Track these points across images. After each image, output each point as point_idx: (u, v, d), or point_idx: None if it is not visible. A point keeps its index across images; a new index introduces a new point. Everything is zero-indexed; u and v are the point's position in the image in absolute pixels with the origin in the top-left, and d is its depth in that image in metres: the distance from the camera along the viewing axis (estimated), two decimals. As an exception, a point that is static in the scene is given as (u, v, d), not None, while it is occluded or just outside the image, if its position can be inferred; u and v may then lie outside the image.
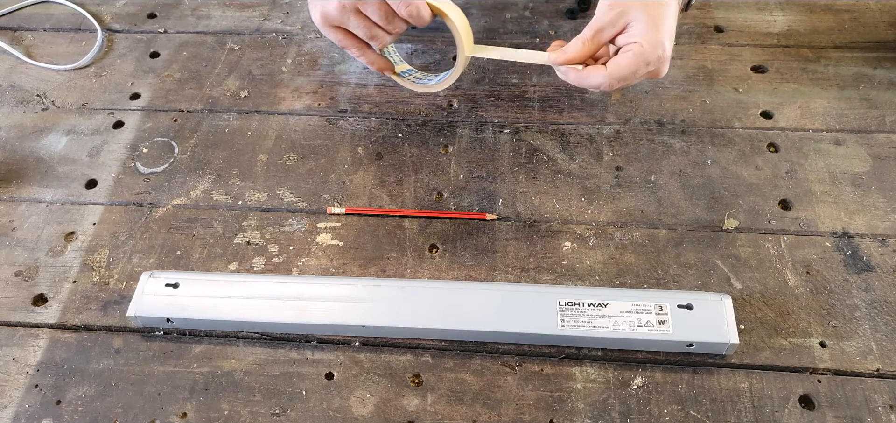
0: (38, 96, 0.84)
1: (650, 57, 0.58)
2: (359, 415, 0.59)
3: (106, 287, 0.66)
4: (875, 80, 0.83)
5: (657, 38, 0.58)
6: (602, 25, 0.59)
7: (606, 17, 0.59)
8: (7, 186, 0.75)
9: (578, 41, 0.60)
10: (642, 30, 0.58)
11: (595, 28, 0.59)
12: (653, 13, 0.58)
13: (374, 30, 0.61)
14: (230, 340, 0.63)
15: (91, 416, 0.59)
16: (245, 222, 0.71)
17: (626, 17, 0.58)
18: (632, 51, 0.58)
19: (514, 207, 0.72)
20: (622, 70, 0.58)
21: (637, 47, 0.57)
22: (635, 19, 0.58)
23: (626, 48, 0.59)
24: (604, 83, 0.59)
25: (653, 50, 0.57)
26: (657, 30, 0.58)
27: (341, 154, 0.77)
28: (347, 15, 0.59)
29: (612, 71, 0.59)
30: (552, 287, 0.65)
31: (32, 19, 0.93)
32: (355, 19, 0.59)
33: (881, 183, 0.73)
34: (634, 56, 0.58)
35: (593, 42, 0.60)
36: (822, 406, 0.58)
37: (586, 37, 0.60)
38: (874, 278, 0.66)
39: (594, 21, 0.60)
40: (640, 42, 0.57)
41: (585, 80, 0.60)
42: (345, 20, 0.60)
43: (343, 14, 0.59)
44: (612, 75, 0.58)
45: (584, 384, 0.60)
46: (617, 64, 0.59)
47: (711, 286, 0.66)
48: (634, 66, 0.58)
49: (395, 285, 0.64)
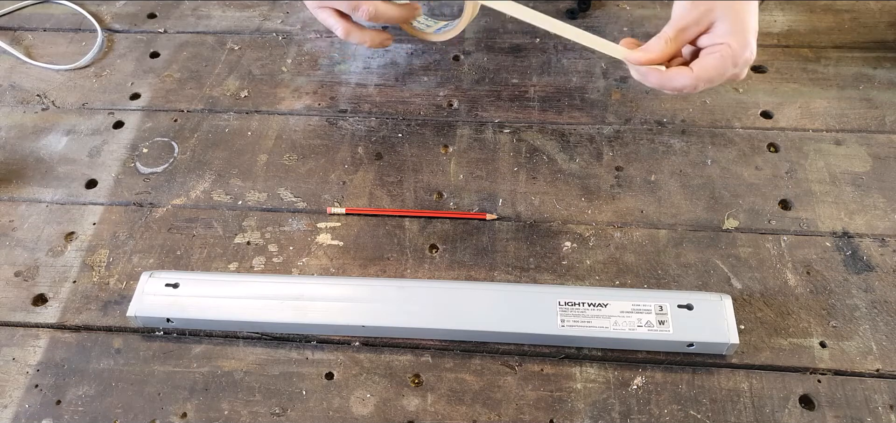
0: (38, 96, 0.84)
1: (738, 58, 0.55)
2: (359, 415, 0.59)
3: (106, 287, 0.66)
4: (875, 80, 0.83)
5: (745, 39, 0.55)
6: (685, 24, 0.56)
7: (690, 16, 0.56)
8: (7, 186, 0.75)
9: (661, 40, 0.57)
10: (729, 29, 0.55)
11: (678, 27, 0.56)
12: (737, 10, 0.55)
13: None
14: (230, 340, 0.63)
15: (91, 416, 0.59)
16: (245, 222, 0.71)
17: (711, 16, 0.55)
18: (719, 52, 0.55)
19: (514, 207, 0.72)
20: (709, 72, 0.55)
21: (725, 48, 0.55)
22: (721, 18, 0.55)
23: (712, 49, 0.56)
24: (689, 86, 0.56)
25: (741, 51, 0.55)
26: (744, 29, 0.55)
27: (341, 154, 0.77)
28: None
29: (699, 73, 0.55)
30: (552, 287, 0.65)
31: (32, 19, 0.93)
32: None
33: (881, 183, 0.73)
34: (722, 57, 0.55)
35: (676, 41, 0.57)
36: (822, 406, 0.58)
37: (669, 36, 0.57)
38: (874, 278, 0.66)
39: (676, 19, 0.57)
40: (729, 43, 0.55)
41: (669, 81, 0.57)
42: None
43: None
44: (699, 77, 0.55)
45: (584, 384, 0.60)
46: (704, 66, 0.55)
47: (711, 286, 0.66)
48: (722, 67, 0.55)
49: (395, 285, 0.64)
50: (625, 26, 0.90)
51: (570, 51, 0.88)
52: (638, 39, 0.60)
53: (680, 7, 0.57)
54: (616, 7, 0.93)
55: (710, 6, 0.55)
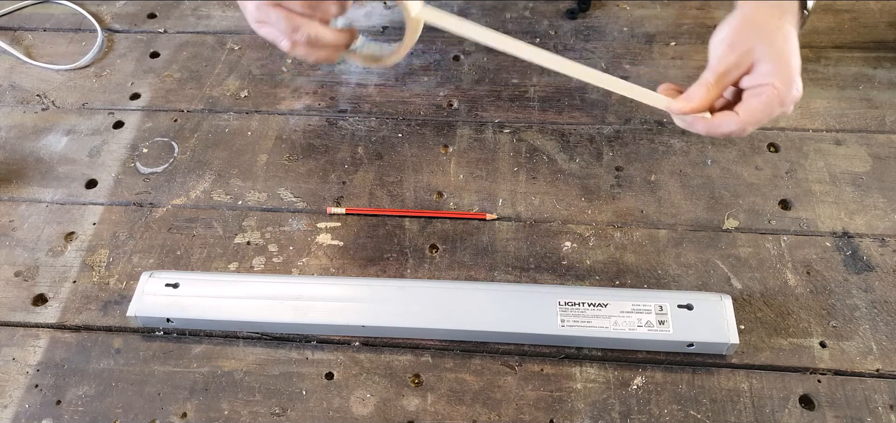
0: (38, 96, 0.84)
1: (785, 97, 0.53)
2: (359, 415, 0.59)
3: (106, 287, 0.66)
4: (875, 80, 0.83)
5: (790, 76, 0.53)
6: (726, 69, 0.54)
7: (729, 60, 0.54)
8: (7, 186, 0.75)
9: (702, 88, 0.55)
10: (772, 68, 0.53)
11: (718, 72, 0.54)
12: (779, 48, 0.53)
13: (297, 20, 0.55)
14: (230, 340, 0.63)
15: (91, 416, 0.59)
16: (245, 222, 0.71)
17: (752, 57, 0.53)
18: (765, 94, 0.53)
19: (514, 207, 0.72)
20: (757, 115, 0.53)
21: (770, 90, 0.52)
22: (762, 57, 0.53)
23: (758, 90, 0.53)
24: (736, 131, 0.54)
25: (787, 90, 0.52)
26: (788, 66, 0.53)
27: (341, 154, 0.77)
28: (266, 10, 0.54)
29: (746, 118, 0.53)
30: (552, 287, 0.65)
31: (32, 19, 0.93)
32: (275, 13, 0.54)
33: (881, 183, 0.73)
34: (769, 99, 0.53)
35: (718, 87, 0.54)
36: (822, 406, 0.58)
37: (710, 81, 0.54)
38: (874, 278, 0.66)
39: (716, 63, 0.54)
40: (773, 83, 0.52)
41: (717, 129, 0.55)
42: (265, 16, 0.54)
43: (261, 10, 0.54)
44: (746, 123, 0.53)
45: (584, 384, 0.60)
46: (751, 110, 0.53)
47: (711, 286, 0.66)
48: (770, 109, 0.53)
49: (395, 285, 0.64)
50: (624, 26, 0.90)
51: (569, 51, 0.88)
52: (677, 85, 0.58)
53: (718, 50, 0.55)
54: (616, 7, 0.93)
55: (750, 47, 0.53)
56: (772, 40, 0.53)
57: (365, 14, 0.93)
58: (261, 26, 0.56)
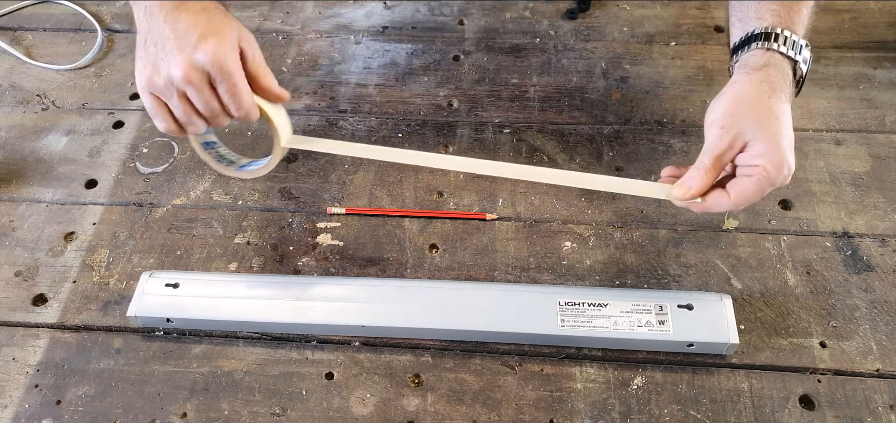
0: (38, 96, 0.84)
1: (775, 178, 0.54)
2: (359, 415, 0.59)
3: (106, 287, 0.66)
4: (875, 80, 0.83)
5: (780, 158, 0.53)
6: (720, 152, 0.55)
7: (722, 143, 0.55)
8: (7, 186, 0.75)
9: (700, 171, 0.56)
10: (763, 149, 0.53)
11: (713, 155, 0.55)
12: (770, 129, 0.54)
13: (194, 118, 0.55)
14: (230, 340, 0.63)
15: (91, 416, 0.59)
16: (245, 222, 0.71)
17: (744, 138, 0.54)
18: (755, 175, 0.54)
19: (514, 207, 0.72)
20: (748, 195, 0.55)
21: (761, 171, 0.53)
22: (753, 138, 0.54)
23: (749, 171, 0.54)
24: (729, 208, 0.56)
25: (777, 172, 0.53)
26: (778, 147, 0.53)
27: (341, 154, 0.77)
28: (172, 93, 0.53)
29: (737, 199, 0.55)
30: (552, 287, 0.65)
31: (32, 19, 0.93)
32: (178, 101, 0.53)
33: (881, 183, 0.73)
34: (758, 181, 0.54)
35: (715, 170, 0.56)
36: (822, 406, 0.58)
37: (707, 165, 0.55)
38: (874, 278, 0.66)
39: (710, 147, 0.55)
40: (764, 166, 0.53)
41: (709, 210, 0.57)
42: (168, 96, 0.54)
43: (168, 90, 0.53)
44: (738, 203, 0.55)
45: (584, 384, 0.60)
46: (742, 190, 0.55)
47: (711, 286, 0.66)
48: (760, 189, 0.54)
49: (395, 285, 0.64)
50: (624, 26, 0.90)
51: (569, 51, 0.88)
52: (677, 168, 0.59)
53: (712, 134, 0.56)
54: (616, 7, 0.93)
55: (740, 129, 0.54)
56: (763, 122, 0.54)
57: (365, 14, 0.93)
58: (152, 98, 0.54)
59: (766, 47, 0.56)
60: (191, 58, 0.51)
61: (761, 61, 0.56)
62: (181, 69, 0.51)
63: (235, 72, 0.52)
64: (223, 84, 0.52)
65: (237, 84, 0.52)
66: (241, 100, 0.53)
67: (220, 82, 0.52)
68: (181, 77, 0.51)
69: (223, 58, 0.51)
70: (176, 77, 0.51)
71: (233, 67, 0.52)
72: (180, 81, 0.52)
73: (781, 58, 0.56)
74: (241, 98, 0.53)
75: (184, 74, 0.51)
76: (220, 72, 0.51)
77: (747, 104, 0.55)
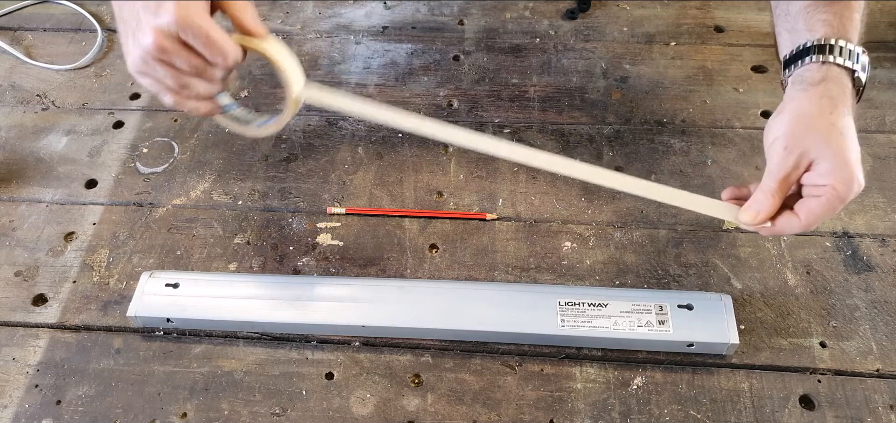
0: (38, 96, 0.84)
1: (846, 195, 0.52)
2: (359, 415, 0.59)
3: (106, 287, 0.66)
4: (875, 80, 0.83)
5: (849, 174, 0.51)
6: (786, 174, 0.53)
7: (787, 164, 0.53)
8: (7, 186, 0.75)
9: (766, 195, 0.54)
10: (830, 167, 0.51)
11: (779, 177, 0.53)
12: (836, 146, 0.51)
13: (185, 79, 0.53)
14: (230, 340, 0.63)
15: (91, 416, 0.59)
16: (245, 222, 0.71)
17: (809, 157, 0.52)
18: (825, 195, 0.52)
19: (514, 207, 0.72)
20: (818, 215, 0.53)
21: (830, 191, 0.51)
22: (819, 157, 0.52)
23: (817, 190, 0.52)
24: (799, 230, 0.55)
25: (847, 189, 0.51)
26: (846, 163, 0.51)
27: (341, 154, 0.77)
28: (152, 65, 0.52)
29: (807, 220, 0.53)
30: (552, 287, 0.65)
31: (32, 19, 0.93)
32: (163, 70, 0.52)
33: (881, 183, 0.73)
34: (828, 201, 0.52)
35: (781, 192, 0.54)
36: (822, 406, 0.58)
37: (773, 188, 0.54)
38: (874, 278, 0.66)
39: (775, 169, 0.53)
40: (833, 184, 0.51)
41: (780, 232, 0.56)
42: (150, 69, 0.52)
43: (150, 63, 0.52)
44: (809, 224, 0.53)
45: (584, 384, 0.60)
46: (812, 212, 0.53)
47: (711, 286, 0.66)
48: (831, 209, 0.52)
49: (395, 285, 0.64)
50: (624, 26, 0.90)
51: (570, 51, 0.88)
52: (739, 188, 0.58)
53: (776, 155, 0.54)
54: (616, 7, 0.93)
55: (805, 148, 0.52)
56: (828, 139, 0.52)
57: (365, 14, 0.93)
58: (143, 77, 0.53)
59: (821, 60, 0.54)
60: (155, 23, 0.49)
61: (818, 76, 0.54)
62: (150, 37, 0.49)
63: (203, 23, 0.50)
64: (196, 40, 0.50)
65: (209, 34, 0.50)
66: (218, 49, 0.51)
67: (193, 38, 0.50)
68: (152, 45, 0.50)
69: (186, 14, 0.49)
70: (148, 47, 0.50)
71: (199, 20, 0.50)
72: (153, 50, 0.50)
73: (839, 70, 0.54)
74: (217, 48, 0.51)
75: (154, 41, 0.49)
76: (187, 28, 0.49)
77: (809, 122, 0.52)
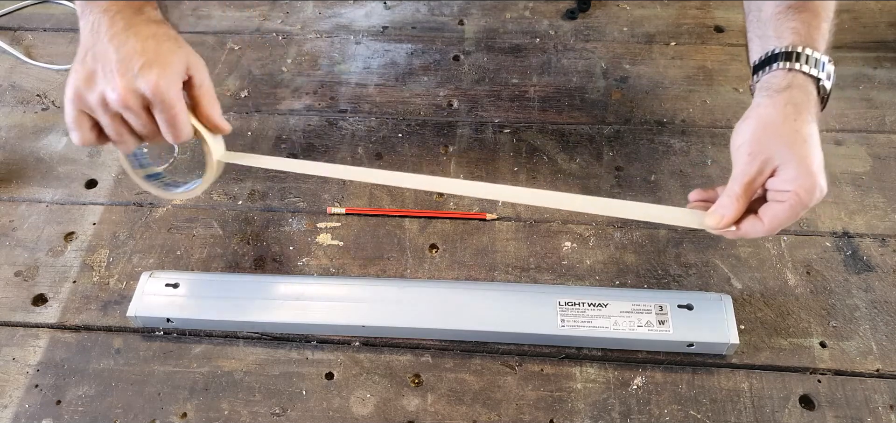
0: (38, 96, 0.84)
1: (808, 201, 0.53)
2: (359, 415, 0.59)
3: (106, 287, 0.66)
4: (875, 80, 0.83)
5: (812, 181, 0.52)
6: (750, 179, 0.54)
7: (752, 169, 0.54)
8: (7, 186, 0.75)
9: (731, 199, 0.55)
10: (794, 174, 0.52)
11: (743, 182, 0.54)
12: (800, 150, 0.53)
13: (125, 136, 0.54)
14: (230, 340, 0.63)
15: (91, 416, 0.59)
16: (245, 222, 0.71)
17: (773, 164, 0.53)
18: (788, 201, 0.53)
19: (514, 207, 0.72)
20: (781, 220, 0.54)
21: (793, 196, 0.52)
22: (783, 163, 0.53)
23: (781, 196, 0.54)
24: (763, 234, 0.56)
25: (809, 196, 0.52)
26: (809, 171, 0.52)
27: (341, 154, 0.77)
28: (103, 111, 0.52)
29: (771, 225, 0.54)
30: (552, 287, 0.65)
31: (32, 19, 0.93)
32: (110, 121, 0.53)
33: (881, 183, 0.73)
34: (791, 206, 0.53)
35: (745, 197, 0.55)
36: (822, 406, 0.58)
37: (737, 193, 0.55)
38: (874, 278, 0.66)
39: (740, 174, 0.55)
40: (796, 191, 0.52)
41: (745, 235, 0.56)
42: (98, 113, 0.53)
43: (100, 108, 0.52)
44: (772, 228, 0.55)
45: (584, 384, 0.60)
46: (776, 216, 0.54)
47: (711, 286, 0.66)
48: (794, 214, 0.53)
49: (395, 285, 0.64)
50: (624, 26, 0.90)
51: (569, 51, 0.88)
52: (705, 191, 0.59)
53: (741, 160, 0.55)
54: (616, 7, 0.93)
55: (769, 155, 0.53)
56: (791, 145, 0.53)
57: (365, 14, 0.93)
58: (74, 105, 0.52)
59: (788, 68, 0.55)
60: (131, 85, 0.51)
61: (784, 83, 0.55)
62: (118, 93, 0.51)
63: (176, 103, 0.52)
64: (162, 113, 0.52)
65: (177, 115, 0.53)
66: (178, 129, 0.53)
67: (160, 111, 0.52)
68: (117, 100, 0.51)
69: (166, 89, 0.51)
70: (112, 99, 0.51)
71: (173, 99, 0.52)
72: (116, 104, 0.51)
73: (805, 78, 0.55)
74: (178, 128, 0.53)
75: (121, 97, 0.51)
76: (161, 102, 0.52)
77: (774, 128, 0.53)
